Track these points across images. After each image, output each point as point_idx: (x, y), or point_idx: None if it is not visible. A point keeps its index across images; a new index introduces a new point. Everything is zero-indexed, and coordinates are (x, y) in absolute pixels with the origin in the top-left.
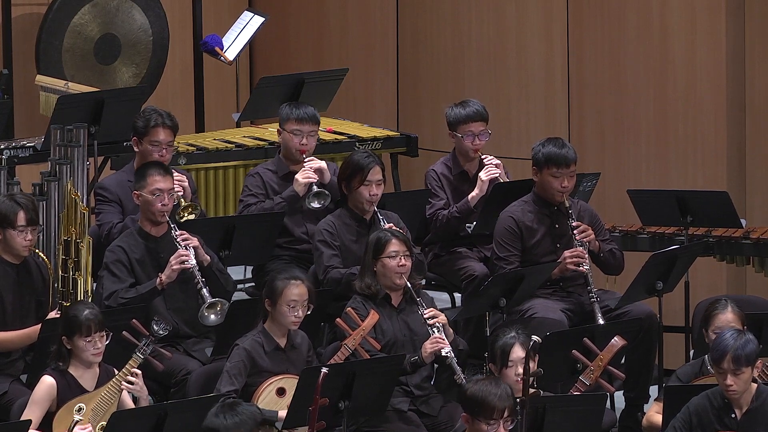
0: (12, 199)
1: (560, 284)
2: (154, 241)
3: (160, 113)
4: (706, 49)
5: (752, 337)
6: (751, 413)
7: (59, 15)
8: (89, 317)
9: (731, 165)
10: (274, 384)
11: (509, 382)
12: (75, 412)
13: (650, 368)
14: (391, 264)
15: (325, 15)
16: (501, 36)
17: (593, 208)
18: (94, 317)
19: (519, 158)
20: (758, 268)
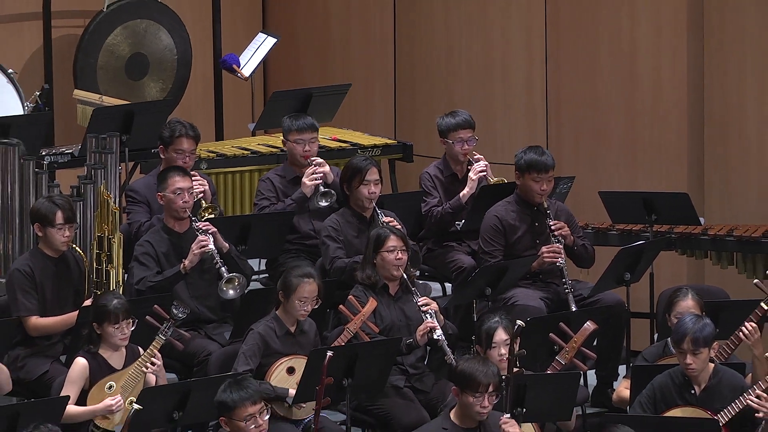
0: (51, 200)
1: (539, 276)
2: (178, 236)
3: (184, 124)
4: (670, 66)
5: (709, 322)
6: (709, 390)
7: (94, 36)
8: (117, 306)
9: (691, 169)
10: (285, 364)
11: (493, 361)
12: (106, 389)
13: (619, 350)
14: (390, 257)
15: (330, 36)
16: (487, 55)
17: (569, 208)
18: (122, 306)
19: (503, 163)
20: (715, 261)
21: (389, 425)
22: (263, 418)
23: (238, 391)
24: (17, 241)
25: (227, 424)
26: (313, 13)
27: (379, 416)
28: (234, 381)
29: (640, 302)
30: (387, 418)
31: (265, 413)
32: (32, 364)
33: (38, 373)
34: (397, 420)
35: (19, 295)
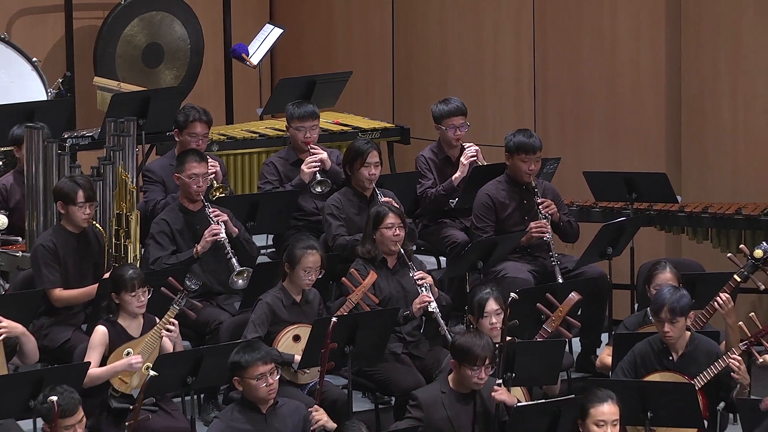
0: (73, 180)
1: (527, 250)
2: (192, 215)
3: (197, 110)
4: (649, 56)
5: (686, 293)
6: (686, 356)
7: (113, 27)
8: (133, 276)
9: (669, 151)
10: (291, 332)
11: (485, 329)
12: (124, 355)
13: (602, 319)
14: (388, 234)
15: (333, 27)
16: (479, 46)
17: (555, 187)
18: (137, 276)
19: (493, 145)
20: (691, 236)
21: (388, 389)
22: (273, 378)
23: (250, 352)
24: (41, 218)
25: (240, 383)
26: (317, 5)
27: (379, 381)
28: (247, 344)
29: (622, 274)
30: (386, 383)
31: (276, 374)
32: (55, 333)
33: (61, 340)
34: (395, 384)
35: (43, 268)
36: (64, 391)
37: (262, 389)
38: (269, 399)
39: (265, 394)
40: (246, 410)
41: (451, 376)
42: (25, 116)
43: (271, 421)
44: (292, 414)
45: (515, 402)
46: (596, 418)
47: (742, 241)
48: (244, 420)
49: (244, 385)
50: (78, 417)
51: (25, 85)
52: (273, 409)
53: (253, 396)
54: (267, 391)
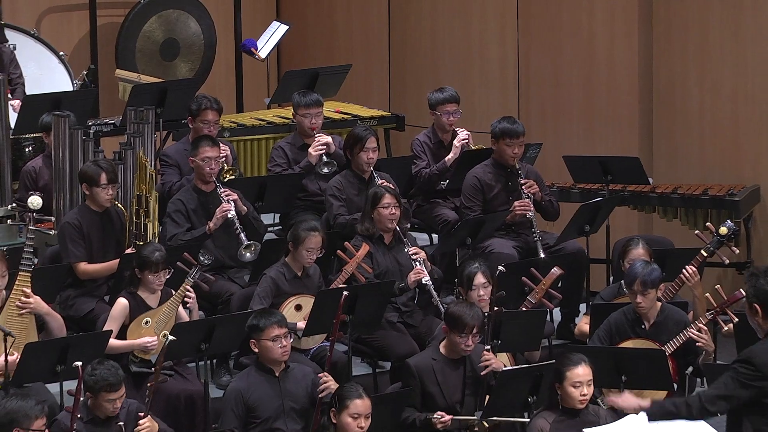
0: (96, 164)
1: (512, 227)
2: (205, 195)
3: (209, 99)
4: (623, 49)
5: (657, 267)
6: (657, 325)
7: (133, 24)
8: (159, 258)
9: (642, 137)
10: (293, 302)
11: (473, 300)
12: (143, 324)
13: (580, 290)
14: (385, 212)
15: (335, 23)
16: (467, 40)
17: (537, 170)
18: (162, 258)
19: (481, 131)
20: (662, 215)
21: (385, 355)
22: (287, 340)
23: (267, 316)
24: (68, 199)
25: (256, 345)
26: (320, 3)
27: (376, 347)
28: (263, 310)
29: (598, 250)
30: (383, 349)
31: (289, 337)
32: (80, 303)
33: (85, 310)
34: (391, 350)
35: (69, 244)
36: (111, 367)
37: (277, 350)
38: (283, 360)
39: (279, 355)
40: (261, 372)
41: (442, 343)
42: (53, 105)
43: (284, 383)
44: (303, 378)
45: (501, 366)
46: (573, 380)
47: (708, 219)
48: (259, 381)
49: (260, 347)
50: (120, 393)
51: (53, 76)
52: (285, 372)
53: (269, 357)
54: (281, 353)
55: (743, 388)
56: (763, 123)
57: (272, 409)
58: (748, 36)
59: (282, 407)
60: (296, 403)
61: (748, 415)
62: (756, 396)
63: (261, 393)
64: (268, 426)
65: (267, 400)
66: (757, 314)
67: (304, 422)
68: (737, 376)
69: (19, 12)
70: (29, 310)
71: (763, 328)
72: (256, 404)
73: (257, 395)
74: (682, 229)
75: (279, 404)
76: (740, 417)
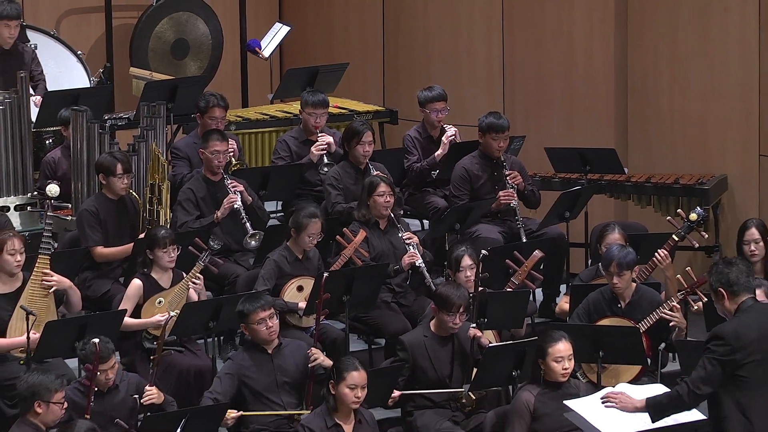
0: (112, 155)
1: (497, 214)
2: (213, 184)
3: (216, 96)
4: (600, 49)
5: (632, 250)
6: (632, 304)
7: (146, 25)
8: (165, 235)
9: (618, 129)
10: (295, 284)
11: (461, 281)
12: (156, 304)
13: (561, 272)
14: (380, 200)
15: (333, 24)
16: (456, 39)
17: (521, 161)
18: (169, 235)
19: (468, 125)
20: (636, 202)
21: (379, 332)
22: (273, 321)
23: (251, 302)
24: (85, 187)
25: (246, 328)
26: (319, 6)
27: (371, 325)
28: (249, 295)
29: (577, 235)
30: (377, 327)
31: (275, 318)
32: (97, 284)
33: (102, 291)
34: (385, 328)
35: (87, 229)
36: (101, 340)
37: (263, 331)
38: (271, 339)
39: (267, 336)
40: (254, 351)
41: (432, 321)
42: (72, 101)
43: (276, 359)
44: (295, 352)
45: (487, 343)
46: (555, 355)
47: (679, 206)
48: (253, 359)
49: (250, 330)
50: (110, 364)
51: (72, 74)
52: (278, 350)
53: (258, 338)
54: (268, 333)
55: (720, 365)
56: (729, 117)
57: (265, 383)
58: (716, 37)
59: (275, 381)
60: (289, 377)
61: (726, 392)
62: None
63: (254, 370)
64: (262, 399)
65: (260, 376)
66: (724, 298)
67: (298, 394)
68: (713, 355)
69: (39, 14)
70: (55, 288)
71: (730, 311)
72: (250, 380)
73: (251, 372)
74: (655, 216)
75: (272, 379)
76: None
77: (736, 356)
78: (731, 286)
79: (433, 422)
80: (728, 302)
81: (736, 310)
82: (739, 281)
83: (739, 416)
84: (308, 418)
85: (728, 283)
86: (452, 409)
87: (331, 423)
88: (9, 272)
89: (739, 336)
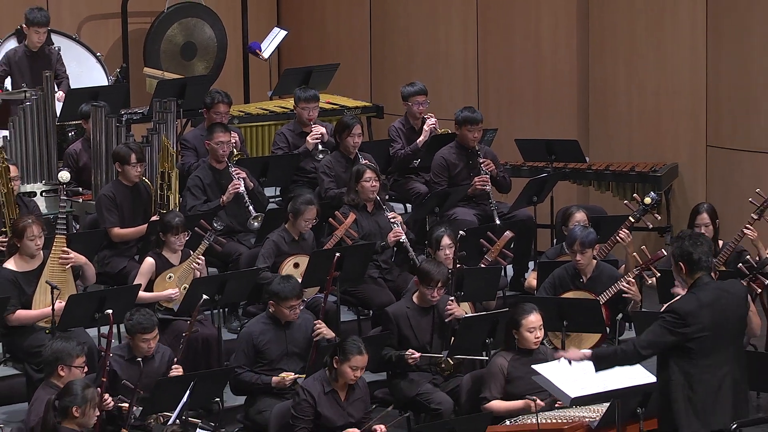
0: (127, 146)
1: (473, 198)
2: (218, 172)
3: (221, 93)
4: (565, 50)
5: (593, 231)
6: (593, 279)
7: (158, 29)
8: (178, 223)
9: (580, 123)
10: (292, 261)
11: (440, 259)
12: (167, 279)
13: (529, 250)
14: (366, 185)
15: (325, 29)
16: (435, 41)
17: (493, 151)
18: (181, 223)
19: (446, 119)
20: (596, 187)
21: (367, 304)
22: (300, 308)
23: (290, 289)
24: (103, 175)
25: (274, 306)
26: (313, 12)
27: (360, 298)
28: (286, 278)
29: (544, 217)
30: (365, 299)
31: (301, 305)
32: (114, 262)
33: (118, 268)
34: (372, 300)
35: (105, 212)
36: (145, 313)
37: (290, 315)
38: (292, 320)
39: (291, 318)
40: (271, 322)
41: (415, 294)
42: (91, 97)
43: (289, 331)
44: (303, 324)
45: (463, 314)
46: (527, 326)
47: (635, 191)
48: (269, 329)
49: (277, 309)
50: (153, 334)
51: (92, 74)
52: (290, 323)
53: (281, 316)
54: (293, 316)
55: (670, 335)
56: (680, 112)
57: (278, 352)
58: (668, 41)
59: (286, 350)
60: (297, 348)
61: (674, 358)
62: (680, 341)
63: (269, 338)
64: (274, 366)
65: (274, 345)
66: (682, 271)
67: (303, 363)
68: (665, 324)
69: (63, 20)
70: (72, 263)
71: (687, 282)
72: (264, 348)
73: (266, 340)
74: (614, 200)
75: (284, 348)
76: (668, 360)
77: (685, 330)
78: (691, 264)
79: (415, 385)
80: (686, 275)
81: (692, 284)
82: (700, 261)
83: (683, 381)
84: (308, 382)
85: (690, 261)
86: (432, 373)
87: (329, 389)
88: (30, 255)
89: (693, 313)
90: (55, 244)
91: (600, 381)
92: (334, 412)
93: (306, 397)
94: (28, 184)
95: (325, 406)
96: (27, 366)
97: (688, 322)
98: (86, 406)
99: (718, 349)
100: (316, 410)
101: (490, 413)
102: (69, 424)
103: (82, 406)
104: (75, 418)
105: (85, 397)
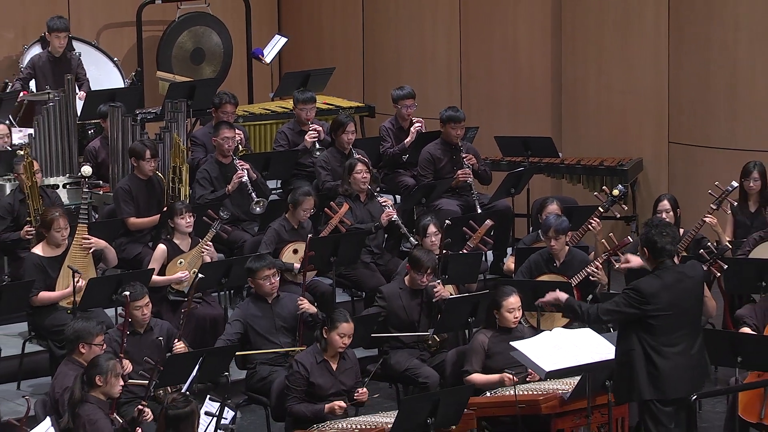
0: (142, 143)
1: (456, 190)
2: (224, 166)
3: (228, 94)
4: (539, 54)
5: (566, 219)
6: (565, 263)
7: (169, 36)
8: (180, 205)
9: (553, 121)
10: (291, 247)
11: (427, 246)
12: (177, 264)
13: (507, 237)
14: (358, 177)
15: (322, 36)
16: (422, 46)
17: (475, 147)
18: (184, 204)
19: (432, 118)
20: (569, 180)
21: (360, 287)
22: (275, 278)
23: (259, 261)
24: (120, 169)
25: (253, 282)
26: (311, 20)
27: (354, 281)
28: (256, 256)
29: (521, 207)
30: (359, 282)
31: (277, 275)
32: (130, 248)
33: (134, 254)
34: (365, 283)
35: (121, 203)
36: (135, 284)
37: (267, 286)
38: (272, 292)
39: (269, 290)
40: (257, 301)
41: (406, 277)
42: (109, 98)
43: (275, 308)
44: (289, 301)
45: (448, 295)
46: (507, 307)
47: (604, 184)
48: (256, 307)
49: (255, 284)
50: (144, 301)
51: (109, 77)
52: (277, 300)
53: (262, 291)
54: (270, 287)
55: (630, 308)
56: (644, 111)
57: (266, 327)
58: (633, 45)
59: (274, 325)
60: (285, 323)
61: (636, 330)
62: (639, 315)
63: (258, 316)
64: (264, 340)
65: (262, 321)
66: (645, 255)
67: (292, 336)
68: (627, 299)
69: (83, 27)
70: (93, 248)
71: (650, 265)
72: (254, 324)
73: (255, 318)
74: (584, 192)
75: (271, 323)
76: (630, 333)
77: (645, 307)
78: (654, 251)
79: (404, 359)
80: (648, 259)
81: (655, 267)
82: (664, 250)
83: (644, 353)
84: (301, 355)
85: (653, 249)
86: (420, 349)
87: (321, 359)
88: (56, 244)
89: (654, 294)
90: (77, 232)
91: (572, 356)
92: (326, 380)
93: (299, 369)
94: (51, 177)
95: (318, 375)
96: (50, 343)
97: (649, 301)
98: (108, 374)
99: (677, 326)
100: (309, 380)
101: (472, 386)
102: (95, 393)
103: (104, 375)
104: (99, 387)
105: (107, 368)
